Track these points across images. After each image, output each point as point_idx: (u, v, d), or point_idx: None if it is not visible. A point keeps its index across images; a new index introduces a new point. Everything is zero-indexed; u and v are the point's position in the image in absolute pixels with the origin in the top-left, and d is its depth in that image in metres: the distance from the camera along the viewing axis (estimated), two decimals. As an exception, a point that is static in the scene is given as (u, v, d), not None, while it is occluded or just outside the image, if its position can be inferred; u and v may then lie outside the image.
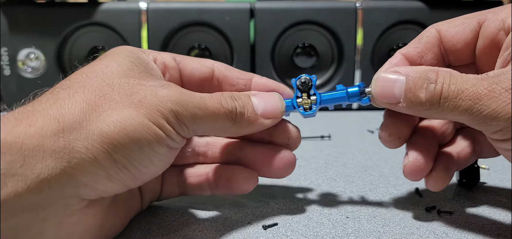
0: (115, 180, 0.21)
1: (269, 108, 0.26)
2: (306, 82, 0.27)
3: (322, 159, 0.40)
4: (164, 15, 0.59)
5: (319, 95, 0.27)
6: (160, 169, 0.23)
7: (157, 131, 0.21)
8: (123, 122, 0.20)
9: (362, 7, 0.59)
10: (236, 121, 0.25)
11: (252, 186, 0.27)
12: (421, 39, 0.27)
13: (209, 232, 0.25)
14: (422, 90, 0.23)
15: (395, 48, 0.62)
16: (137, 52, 0.25)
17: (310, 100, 0.27)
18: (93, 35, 0.60)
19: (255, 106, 0.26)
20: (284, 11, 0.59)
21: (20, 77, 0.59)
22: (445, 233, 0.25)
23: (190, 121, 0.23)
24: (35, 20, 0.58)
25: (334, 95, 0.27)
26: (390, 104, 0.25)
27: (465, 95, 0.22)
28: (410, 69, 0.24)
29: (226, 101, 0.24)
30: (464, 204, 0.29)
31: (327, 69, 0.63)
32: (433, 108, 0.23)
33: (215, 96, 0.24)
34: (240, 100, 0.25)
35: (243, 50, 0.60)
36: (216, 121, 0.24)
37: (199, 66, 0.28)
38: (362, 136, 0.48)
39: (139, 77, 0.23)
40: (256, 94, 0.26)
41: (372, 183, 0.33)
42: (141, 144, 0.21)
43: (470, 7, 0.61)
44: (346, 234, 0.25)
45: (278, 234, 0.25)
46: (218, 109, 0.24)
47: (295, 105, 0.27)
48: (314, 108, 0.27)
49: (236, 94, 0.25)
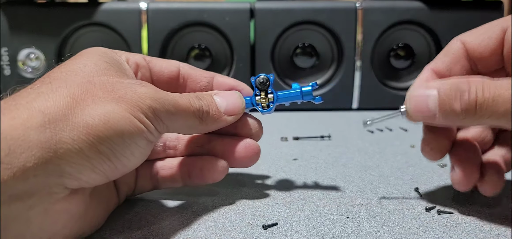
0: (98, 171, 0.22)
1: (230, 106, 0.28)
2: (264, 81, 0.30)
3: (322, 159, 0.40)
4: (164, 15, 0.59)
5: (276, 94, 0.30)
6: (139, 160, 0.24)
7: (138, 124, 0.23)
8: (107, 115, 0.21)
9: (362, 7, 0.59)
10: (203, 118, 0.27)
11: (223, 174, 0.29)
12: (447, 52, 0.28)
13: (209, 232, 0.25)
14: (456, 101, 0.24)
15: (395, 48, 0.62)
16: (110, 53, 0.26)
17: (267, 98, 0.30)
18: (93, 35, 0.60)
19: (218, 105, 0.28)
20: (284, 11, 0.59)
21: (20, 78, 0.59)
22: (445, 233, 0.25)
23: (165, 117, 0.24)
24: (36, 20, 0.58)
25: (289, 94, 0.30)
26: (426, 118, 0.26)
27: (502, 99, 0.22)
28: (441, 83, 0.25)
29: (194, 101, 0.26)
30: (464, 204, 0.29)
31: (327, 70, 0.63)
32: (469, 117, 0.24)
33: (185, 96, 0.26)
34: (205, 100, 0.27)
35: (243, 50, 0.60)
36: (186, 118, 0.26)
37: (167, 65, 0.30)
38: (362, 136, 0.48)
39: (117, 75, 0.24)
40: (218, 93, 0.29)
41: (372, 183, 0.33)
42: (123, 136, 0.22)
43: (470, 7, 0.61)
44: (346, 234, 0.25)
45: (278, 234, 0.25)
46: (188, 108, 0.26)
47: (253, 103, 0.30)
48: (271, 107, 0.30)
49: (200, 94, 0.28)
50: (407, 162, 0.38)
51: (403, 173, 0.36)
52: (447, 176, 0.35)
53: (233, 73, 0.61)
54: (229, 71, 0.62)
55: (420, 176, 0.35)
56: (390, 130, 0.50)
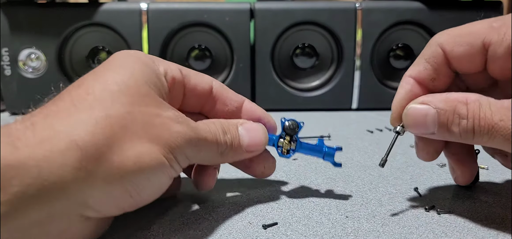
0: (120, 207, 0.22)
1: (252, 142, 0.28)
2: (293, 127, 0.30)
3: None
4: (165, 16, 0.59)
5: (299, 144, 0.30)
6: (157, 195, 0.24)
7: (166, 165, 0.23)
8: (141, 157, 0.21)
9: (361, 8, 0.59)
10: (224, 153, 0.27)
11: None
12: (429, 60, 0.27)
13: (209, 232, 0.25)
14: (455, 126, 0.24)
15: (394, 49, 0.62)
16: (150, 64, 0.25)
17: (290, 144, 0.30)
18: (93, 35, 0.60)
19: (241, 139, 0.28)
20: (284, 12, 0.60)
21: (21, 78, 0.59)
22: (445, 233, 0.25)
23: (191, 154, 0.24)
24: (36, 20, 0.58)
25: (311, 148, 0.30)
26: (423, 134, 0.26)
27: (497, 128, 0.23)
28: (438, 100, 0.25)
29: (220, 136, 0.26)
30: (464, 204, 0.29)
31: (326, 70, 0.63)
32: (468, 140, 0.24)
33: (212, 130, 0.26)
34: (230, 134, 0.27)
35: (243, 50, 0.60)
36: (209, 152, 0.26)
37: (200, 81, 0.29)
38: (361, 136, 0.48)
39: (156, 105, 0.23)
40: (244, 125, 0.28)
41: (372, 183, 0.33)
42: (151, 177, 0.22)
43: (468, 7, 0.61)
44: (345, 233, 0.25)
45: (278, 234, 0.25)
46: (213, 143, 0.26)
47: (275, 144, 0.30)
48: (291, 154, 0.30)
49: (227, 126, 0.27)
50: (406, 161, 0.38)
51: (403, 172, 0.36)
52: (447, 176, 0.35)
53: (233, 73, 0.61)
54: (229, 71, 0.62)
55: (420, 175, 0.35)
56: (390, 129, 0.50)
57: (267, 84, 0.61)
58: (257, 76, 0.61)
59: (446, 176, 0.35)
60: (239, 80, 0.61)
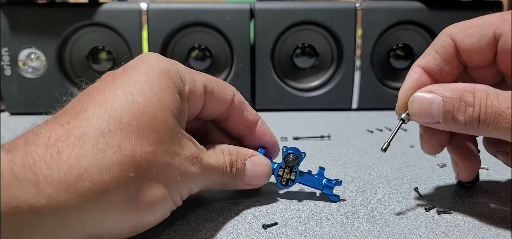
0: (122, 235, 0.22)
1: (255, 178, 0.29)
2: (294, 160, 0.30)
3: (322, 159, 0.40)
4: (165, 16, 0.59)
5: (298, 177, 0.30)
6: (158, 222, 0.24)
7: (173, 205, 0.24)
8: (155, 201, 0.22)
9: (361, 8, 0.59)
10: (225, 183, 0.27)
11: None
12: (438, 50, 0.27)
13: (209, 232, 0.25)
14: (461, 114, 0.24)
15: (394, 49, 0.62)
16: (180, 86, 0.25)
17: (289, 176, 0.30)
18: (93, 35, 0.60)
19: (245, 173, 0.28)
20: (284, 12, 0.60)
21: (20, 78, 0.59)
22: (444, 233, 0.25)
23: (196, 189, 0.25)
24: (36, 20, 0.58)
25: (311, 180, 0.30)
26: (428, 123, 0.26)
27: (504, 116, 0.22)
28: (444, 89, 0.25)
29: (227, 168, 0.27)
30: (464, 204, 0.29)
31: (326, 70, 0.63)
32: (472, 129, 0.24)
33: (221, 163, 0.26)
34: (236, 167, 0.28)
35: (243, 50, 0.60)
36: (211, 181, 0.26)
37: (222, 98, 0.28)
38: (361, 136, 0.48)
39: (178, 142, 0.23)
40: (253, 158, 0.29)
41: (372, 183, 0.33)
42: (156, 213, 0.23)
43: (469, 7, 0.61)
44: (345, 233, 0.25)
45: (278, 234, 0.25)
46: (218, 175, 0.26)
47: (275, 174, 0.30)
48: (290, 185, 0.30)
49: (234, 158, 0.28)
50: (406, 161, 0.38)
51: (403, 172, 0.36)
52: (447, 176, 0.35)
53: (233, 73, 0.61)
54: (229, 71, 0.62)
55: (420, 175, 0.35)
56: (390, 129, 0.50)
57: (267, 84, 0.61)
58: (257, 76, 0.61)
59: (446, 176, 0.35)
60: (239, 80, 0.61)
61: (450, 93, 0.24)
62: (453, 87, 0.25)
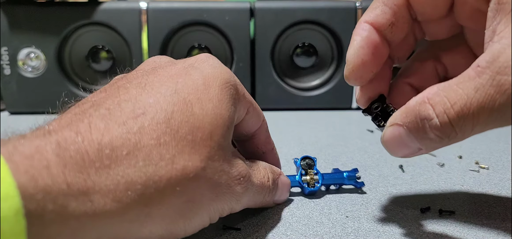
0: None
1: (282, 196, 0.29)
2: (310, 162, 0.31)
3: (322, 159, 0.40)
4: (164, 15, 0.59)
5: (320, 175, 0.31)
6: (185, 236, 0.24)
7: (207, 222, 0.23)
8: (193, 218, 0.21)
9: (361, 7, 0.59)
10: (262, 202, 0.27)
11: None
12: (387, 2, 0.24)
13: (209, 232, 0.25)
14: (429, 133, 0.20)
15: (394, 48, 0.62)
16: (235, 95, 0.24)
17: (313, 178, 0.31)
18: (93, 34, 0.60)
19: (277, 192, 0.28)
20: (284, 11, 0.59)
21: (20, 77, 0.59)
22: (445, 233, 0.25)
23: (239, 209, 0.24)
24: (35, 19, 0.58)
25: (333, 178, 0.31)
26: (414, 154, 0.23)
27: (473, 108, 0.19)
28: (400, 116, 0.22)
29: (271, 189, 0.27)
30: (464, 204, 0.29)
31: (327, 69, 0.63)
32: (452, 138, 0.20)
33: (265, 183, 0.26)
34: (275, 185, 0.27)
35: (243, 50, 0.60)
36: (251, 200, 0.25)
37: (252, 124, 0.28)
38: (362, 136, 0.48)
39: (228, 160, 0.23)
40: (281, 177, 0.29)
41: (372, 183, 0.33)
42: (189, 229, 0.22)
43: None
44: (345, 233, 0.25)
45: (278, 234, 0.25)
46: (262, 197, 0.26)
47: (300, 182, 0.30)
48: (318, 186, 0.30)
49: (275, 176, 0.28)
50: (406, 161, 0.38)
51: (403, 172, 0.36)
52: (447, 176, 0.35)
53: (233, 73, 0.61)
54: (229, 70, 0.62)
55: (420, 175, 0.35)
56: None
57: (267, 84, 0.61)
58: (257, 76, 0.61)
59: (446, 176, 0.35)
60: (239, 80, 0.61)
61: (405, 117, 0.21)
62: (405, 109, 0.21)
